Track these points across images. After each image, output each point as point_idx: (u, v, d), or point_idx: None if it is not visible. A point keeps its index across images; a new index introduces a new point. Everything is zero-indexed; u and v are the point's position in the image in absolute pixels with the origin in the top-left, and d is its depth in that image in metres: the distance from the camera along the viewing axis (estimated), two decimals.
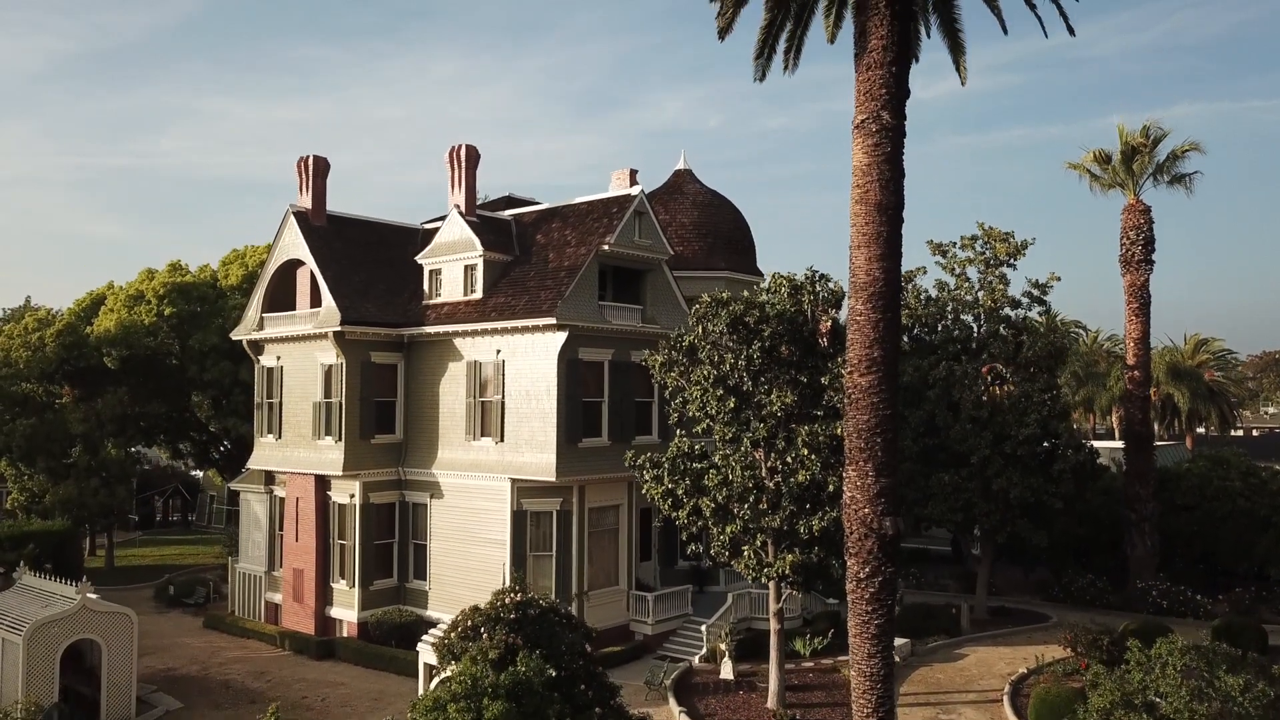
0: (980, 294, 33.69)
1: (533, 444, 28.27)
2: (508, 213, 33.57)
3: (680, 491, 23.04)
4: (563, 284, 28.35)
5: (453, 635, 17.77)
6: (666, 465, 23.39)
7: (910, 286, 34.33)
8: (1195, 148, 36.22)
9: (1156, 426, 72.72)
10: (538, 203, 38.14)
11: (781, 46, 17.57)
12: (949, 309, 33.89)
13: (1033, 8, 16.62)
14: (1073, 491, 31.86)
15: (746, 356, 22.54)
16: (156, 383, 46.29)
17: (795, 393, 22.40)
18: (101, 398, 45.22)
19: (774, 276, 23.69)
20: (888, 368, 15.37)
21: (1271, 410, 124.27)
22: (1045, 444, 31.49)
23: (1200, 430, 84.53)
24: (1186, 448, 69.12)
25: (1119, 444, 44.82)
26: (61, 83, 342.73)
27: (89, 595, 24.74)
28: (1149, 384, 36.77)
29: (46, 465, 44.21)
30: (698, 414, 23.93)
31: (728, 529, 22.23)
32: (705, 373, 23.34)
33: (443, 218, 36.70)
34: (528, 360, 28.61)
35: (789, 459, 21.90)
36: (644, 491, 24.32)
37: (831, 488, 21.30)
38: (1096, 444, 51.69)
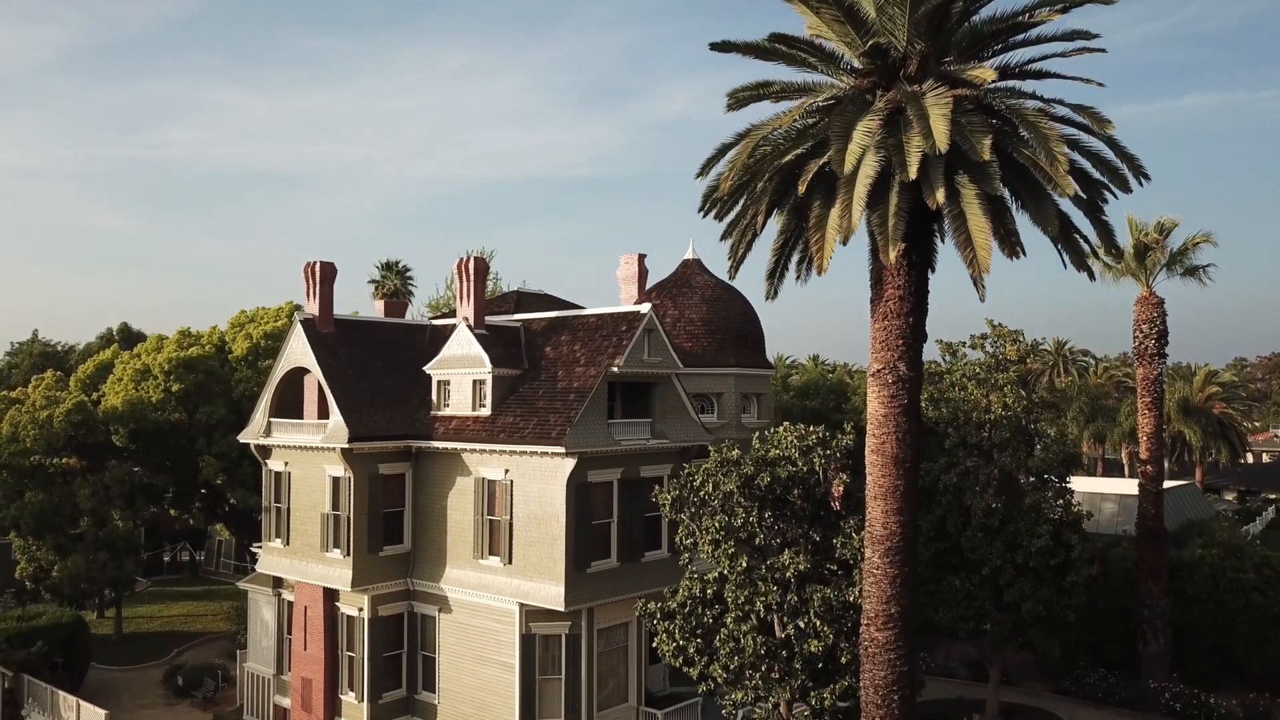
0: (991, 398, 33.37)
1: (541, 570, 28.11)
2: (516, 317, 33.32)
3: (692, 649, 22.89)
4: (571, 408, 28.14)
5: None
6: (679, 619, 23.21)
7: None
8: (1206, 239, 35.94)
9: (1166, 462, 72.46)
10: (546, 295, 37.98)
11: (794, 260, 17.29)
12: (961, 412, 33.54)
13: (1055, 245, 16.28)
14: (1085, 602, 31.61)
15: (758, 514, 22.36)
16: (164, 454, 46.26)
17: (809, 552, 22.20)
18: (109, 470, 45.18)
19: (784, 430, 23.41)
20: (905, 623, 15.17)
21: None
22: (1059, 555, 31.17)
23: (1211, 457, 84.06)
24: (1197, 486, 68.90)
25: (1130, 486, 43.89)
26: (70, 74, 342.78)
27: None
28: (1162, 478, 36.45)
29: (55, 541, 44.11)
30: (708, 560, 23.80)
31: (738, 694, 22.09)
32: (719, 521, 23.15)
33: (451, 313, 36.58)
34: (536, 484, 28.44)
35: (801, 624, 21.72)
36: (654, 645, 24.17)
37: (844, 658, 21.12)
38: (1105, 488, 51.34)
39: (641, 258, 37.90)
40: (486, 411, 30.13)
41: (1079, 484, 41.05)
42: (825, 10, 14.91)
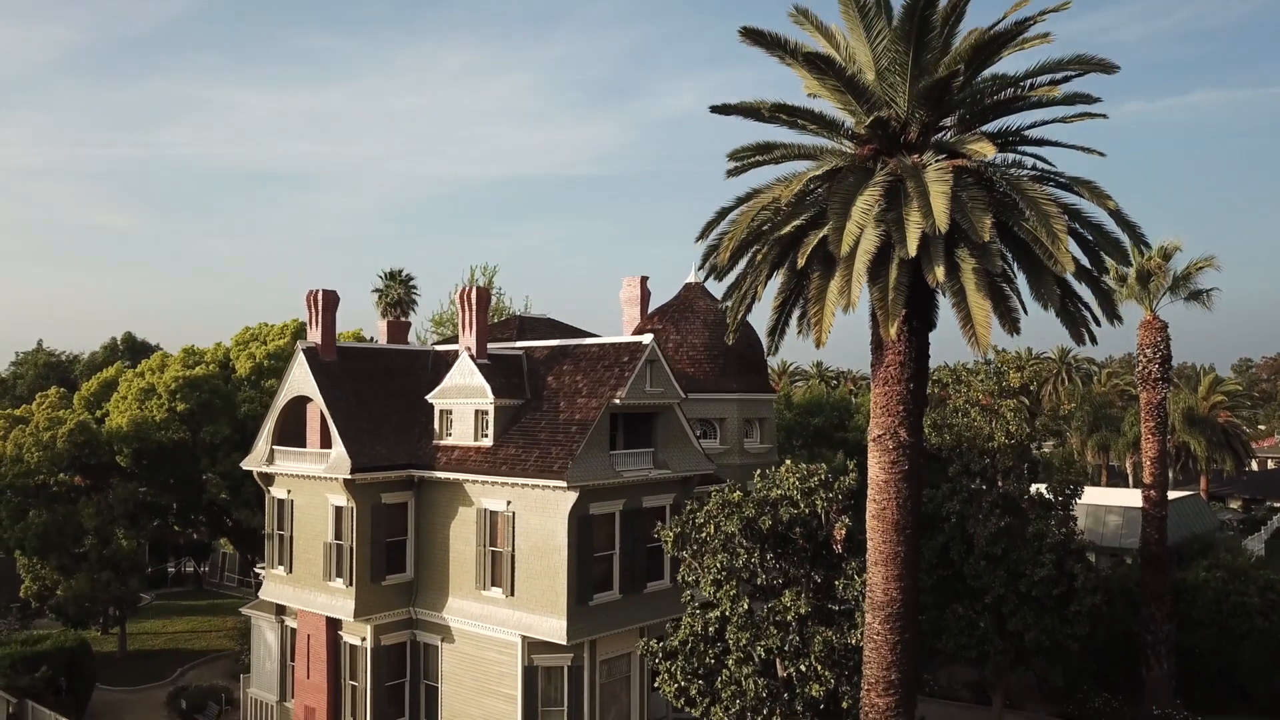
0: (994, 425, 33.28)
1: (543, 603, 28.11)
2: (519, 345, 33.30)
3: (694, 691, 22.88)
4: (574, 440, 28.13)
5: None
6: (680, 659, 23.20)
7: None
8: (1209, 264, 35.82)
9: (1171, 472, 72.25)
10: (549, 319, 38.00)
11: (795, 316, 17.24)
12: (964, 438, 33.47)
13: (1060, 316, 16.17)
14: (1088, 632, 31.54)
15: (760, 554, 22.35)
16: (168, 473, 46.33)
17: (811, 595, 22.17)
18: (113, 488, 45.25)
19: (785, 470, 23.36)
20: (905, 689, 15.15)
21: None
22: (1062, 584, 31.07)
23: (1216, 466, 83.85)
24: (1201, 496, 68.69)
25: (1135, 497, 43.27)
26: (74, 73, 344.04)
27: None
28: (1165, 501, 36.30)
29: (59, 561, 44.17)
30: (710, 598, 23.80)
31: None
32: (720, 560, 23.13)
33: (453, 339, 36.59)
34: (538, 516, 28.43)
35: (802, 667, 21.70)
36: (656, 685, 24.18)
37: (845, 703, 21.09)
38: (1109, 499, 51.05)
39: (644, 280, 38.02)
40: (489, 442, 30.13)
41: (1083, 496, 40.74)
42: (827, 80, 14.89)
